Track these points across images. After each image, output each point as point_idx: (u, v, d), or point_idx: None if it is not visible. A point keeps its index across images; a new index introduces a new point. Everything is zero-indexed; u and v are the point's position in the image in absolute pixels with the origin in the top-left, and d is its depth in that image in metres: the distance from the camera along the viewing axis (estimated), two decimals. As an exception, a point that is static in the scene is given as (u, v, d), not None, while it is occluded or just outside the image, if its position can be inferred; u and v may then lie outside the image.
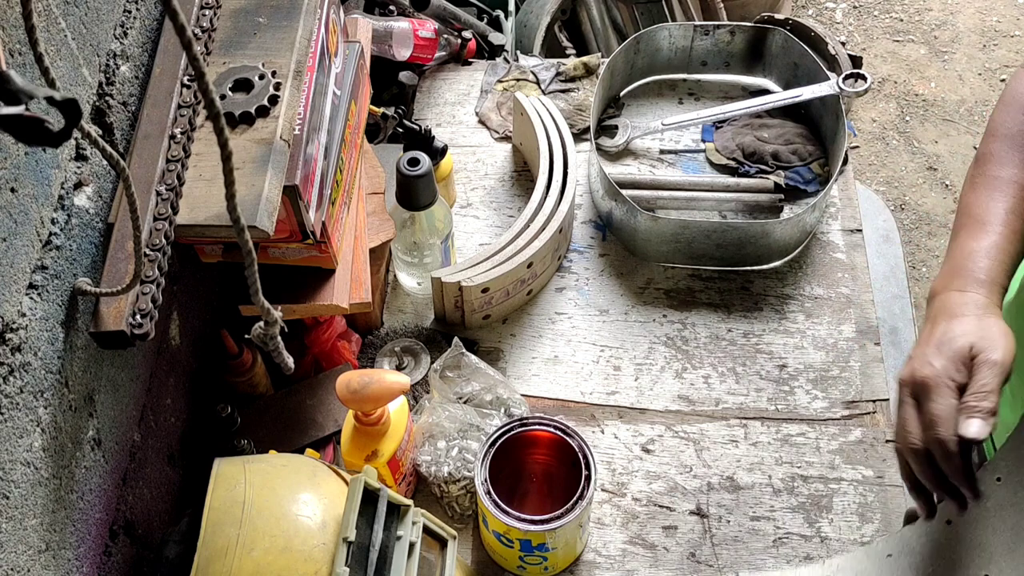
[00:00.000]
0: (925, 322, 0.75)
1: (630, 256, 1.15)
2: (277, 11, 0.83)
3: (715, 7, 2.11)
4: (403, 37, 1.22)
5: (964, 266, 0.75)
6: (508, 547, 0.87)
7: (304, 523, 0.67)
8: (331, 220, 0.87)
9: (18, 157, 0.61)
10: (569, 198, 1.08)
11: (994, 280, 0.73)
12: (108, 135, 0.75)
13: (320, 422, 0.98)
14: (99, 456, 0.74)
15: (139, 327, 0.69)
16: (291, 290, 0.88)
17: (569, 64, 1.31)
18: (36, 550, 0.64)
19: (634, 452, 1.00)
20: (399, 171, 0.95)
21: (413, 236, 1.02)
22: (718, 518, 0.96)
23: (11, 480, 0.61)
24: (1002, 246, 0.75)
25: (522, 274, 1.06)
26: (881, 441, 1.00)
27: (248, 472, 0.70)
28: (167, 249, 0.71)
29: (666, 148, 1.25)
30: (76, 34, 0.69)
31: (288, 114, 0.78)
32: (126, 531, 0.79)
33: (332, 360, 1.02)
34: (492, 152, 1.26)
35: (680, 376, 1.06)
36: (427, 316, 1.11)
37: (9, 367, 0.60)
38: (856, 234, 1.17)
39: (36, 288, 0.64)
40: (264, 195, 0.72)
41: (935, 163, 2.52)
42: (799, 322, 1.09)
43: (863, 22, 2.87)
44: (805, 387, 1.04)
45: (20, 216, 0.61)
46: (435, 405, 0.94)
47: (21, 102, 0.40)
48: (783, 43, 1.25)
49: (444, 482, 0.92)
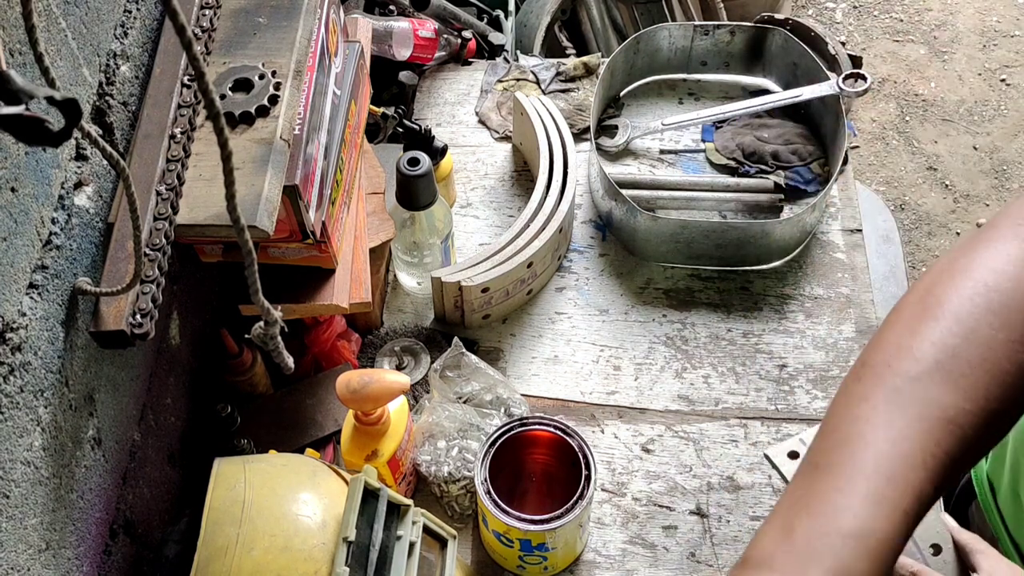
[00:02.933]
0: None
1: (630, 256, 1.15)
2: (277, 11, 0.83)
3: (715, 7, 2.11)
4: (403, 37, 1.22)
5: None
6: (508, 547, 0.87)
7: (304, 523, 0.68)
8: (331, 220, 0.87)
9: (18, 157, 0.61)
10: (569, 198, 1.08)
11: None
12: (108, 135, 0.75)
13: (320, 422, 0.98)
14: (99, 455, 0.74)
15: (139, 327, 0.69)
16: (291, 290, 0.88)
17: (569, 64, 1.31)
18: (36, 549, 0.64)
19: (634, 452, 1.00)
20: (399, 171, 0.95)
21: (413, 236, 1.02)
22: (718, 518, 0.96)
23: (11, 479, 0.61)
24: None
25: (522, 274, 1.06)
26: (881, 441, 1.00)
27: (248, 472, 0.70)
28: (167, 249, 0.71)
29: (666, 148, 1.25)
30: (76, 34, 0.69)
31: (288, 114, 0.78)
32: (126, 530, 0.79)
33: (332, 360, 1.02)
34: (492, 152, 1.26)
35: (680, 376, 1.06)
36: (427, 316, 1.11)
37: (9, 366, 0.60)
38: (856, 234, 1.17)
39: (36, 288, 0.64)
40: (264, 195, 0.72)
41: (935, 163, 2.52)
42: (799, 322, 1.09)
43: (863, 22, 2.87)
44: (805, 387, 1.04)
45: (20, 216, 0.61)
46: (435, 405, 0.94)
47: (21, 102, 0.41)
48: (783, 43, 1.25)
49: (444, 482, 0.92)
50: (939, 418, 0.48)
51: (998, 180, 2.49)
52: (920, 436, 0.48)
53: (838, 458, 0.49)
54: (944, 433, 0.48)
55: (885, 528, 0.46)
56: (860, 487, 0.47)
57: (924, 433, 0.48)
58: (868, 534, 0.45)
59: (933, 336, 0.51)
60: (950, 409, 0.48)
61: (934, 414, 0.48)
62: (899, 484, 0.47)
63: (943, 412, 0.48)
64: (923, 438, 0.48)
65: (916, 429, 0.48)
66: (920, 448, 0.47)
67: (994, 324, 0.50)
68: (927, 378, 0.49)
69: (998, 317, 0.51)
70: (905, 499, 0.46)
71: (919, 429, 0.48)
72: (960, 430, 0.48)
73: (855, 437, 0.49)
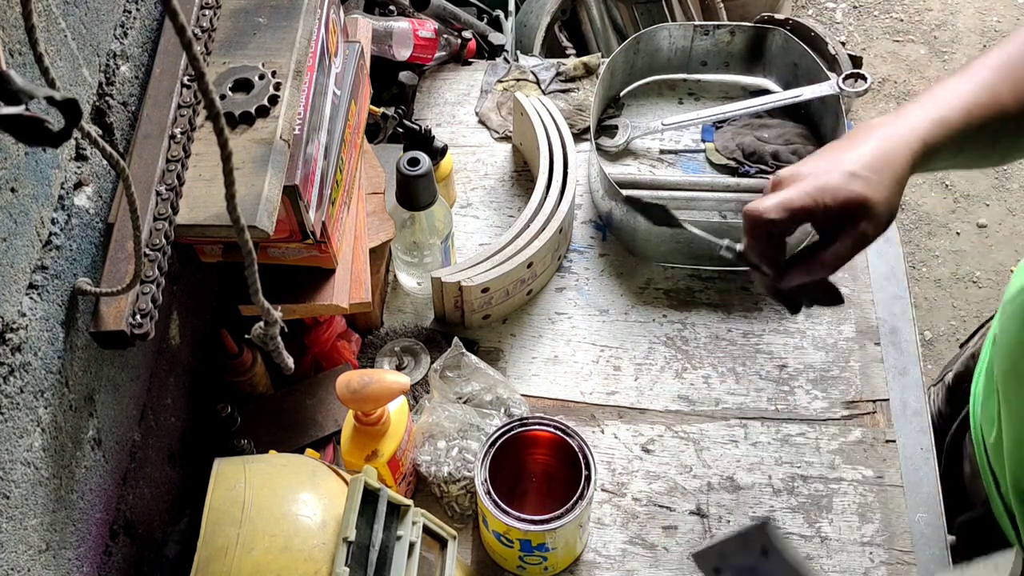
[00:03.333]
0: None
1: (630, 256, 1.15)
2: (277, 11, 0.83)
3: (715, 7, 2.11)
4: (403, 37, 1.22)
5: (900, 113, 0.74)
6: (508, 547, 0.87)
7: (304, 523, 0.68)
8: (331, 220, 0.87)
9: (18, 157, 0.61)
10: (569, 198, 1.08)
11: (922, 136, 0.71)
12: (108, 135, 0.75)
13: (320, 422, 0.98)
14: (99, 456, 0.74)
15: (139, 327, 0.69)
16: (291, 290, 0.88)
17: (569, 64, 1.31)
18: (36, 550, 0.64)
19: (634, 452, 1.00)
20: (399, 171, 0.95)
21: (413, 236, 1.02)
22: (718, 518, 0.96)
23: (11, 480, 0.61)
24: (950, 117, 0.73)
25: (522, 274, 1.06)
26: (881, 441, 1.00)
27: (248, 472, 0.70)
28: (167, 249, 0.71)
29: (666, 148, 1.25)
30: (76, 34, 0.69)
31: (288, 114, 0.78)
32: (126, 531, 0.79)
33: (332, 360, 1.02)
34: (492, 152, 1.26)
35: (680, 376, 1.06)
36: (427, 316, 1.11)
37: (9, 367, 0.60)
38: (856, 234, 1.16)
39: (36, 288, 0.64)
40: (264, 195, 0.72)
41: (935, 163, 2.52)
42: (799, 322, 1.09)
43: (863, 22, 2.87)
44: (805, 387, 1.04)
45: (20, 216, 0.61)
46: (435, 405, 0.94)
47: (21, 102, 0.41)
48: (783, 43, 1.25)
49: (444, 482, 0.92)
50: (990, 98, 0.72)
51: (998, 180, 2.49)
52: (972, 99, 0.72)
53: (937, 88, 0.74)
54: (990, 103, 0.72)
55: (937, 133, 0.71)
56: (931, 111, 0.72)
57: (976, 98, 0.72)
58: (930, 128, 0.70)
59: (1013, 49, 0.74)
60: (1000, 95, 0.72)
61: (988, 94, 0.72)
62: (954, 111, 0.71)
63: (994, 95, 0.72)
64: (974, 100, 0.72)
65: (974, 95, 0.72)
66: (971, 103, 0.72)
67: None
68: (998, 72, 0.73)
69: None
70: (954, 122, 0.71)
71: (975, 94, 0.72)
72: (1001, 108, 0.72)
73: (950, 83, 0.74)
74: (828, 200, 0.68)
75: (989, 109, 0.72)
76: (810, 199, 0.68)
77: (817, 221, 0.70)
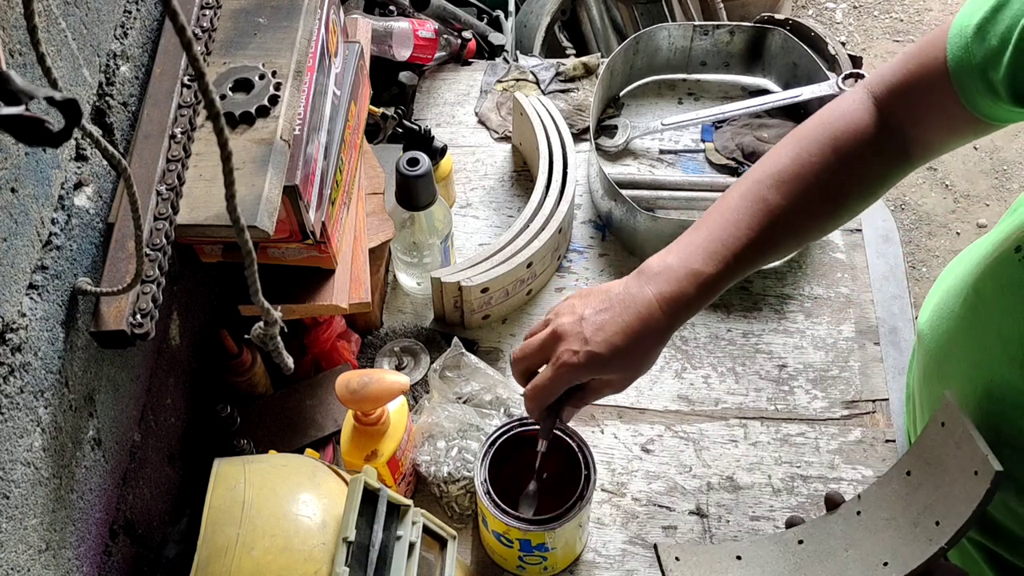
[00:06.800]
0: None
1: (630, 256, 1.15)
2: (277, 11, 0.84)
3: (715, 7, 2.11)
4: (403, 37, 1.23)
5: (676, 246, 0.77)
6: (508, 547, 0.87)
7: (304, 523, 0.68)
8: (331, 220, 0.87)
9: (18, 157, 0.61)
10: (569, 198, 1.08)
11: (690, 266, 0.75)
12: (108, 135, 0.75)
13: (320, 422, 0.98)
14: (99, 456, 0.74)
15: (139, 327, 0.69)
16: (291, 290, 0.88)
17: (569, 64, 1.31)
18: (36, 550, 0.64)
19: (634, 452, 1.00)
20: (399, 171, 0.95)
21: (413, 236, 1.02)
22: (718, 518, 0.96)
23: (11, 480, 0.61)
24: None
25: (522, 274, 1.06)
26: (881, 441, 1.00)
27: (248, 472, 0.70)
28: (167, 249, 0.71)
29: (666, 148, 1.25)
30: (76, 34, 0.69)
31: (288, 114, 0.78)
32: (126, 531, 0.79)
33: (332, 360, 1.02)
34: (492, 152, 1.26)
35: (680, 376, 1.06)
36: (427, 316, 1.11)
37: (9, 367, 0.60)
38: (856, 234, 1.17)
39: (36, 288, 0.64)
40: (264, 195, 0.72)
41: (935, 163, 2.52)
42: (799, 322, 1.09)
43: (863, 22, 2.87)
44: (805, 387, 1.04)
45: (20, 216, 0.62)
46: (435, 405, 0.94)
47: (21, 102, 0.40)
48: (783, 43, 1.25)
49: (444, 482, 0.92)
50: (763, 207, 0.74)
51: (998, 180, 2.50)
52: (748, 216, 0.74)
53: (703, 222, 0.76)
54: (765, 216, 0.74)
55: (711, 271, 0.73)
56: (703, 243, 0.74)
57: (751, 215, 0.74)
58: (700, 273, 0.73)
59: (778, 156, 0.77)
60: (771, 203, 0.74)
61: (761, 205, 0.74)
62: (728, 243, 0.74)
63: (767, 204, 0.74)
64: (749, 218, 0.74)
65: (747, 212, 0.74)
66: (747, 224, 0.74)
67: (812, 150, 0.75)
68: (765, 181, 0.75)
69: (817, 145, 0.76)
70: (728, 254, 0.73)
71: (749, 212, 0.74)
72: (775, 216, 0.74)
73: (715, 211, 0.76)
74: (582, 377, 0.76)
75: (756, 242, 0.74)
76: (564, 383, 0.76)
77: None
